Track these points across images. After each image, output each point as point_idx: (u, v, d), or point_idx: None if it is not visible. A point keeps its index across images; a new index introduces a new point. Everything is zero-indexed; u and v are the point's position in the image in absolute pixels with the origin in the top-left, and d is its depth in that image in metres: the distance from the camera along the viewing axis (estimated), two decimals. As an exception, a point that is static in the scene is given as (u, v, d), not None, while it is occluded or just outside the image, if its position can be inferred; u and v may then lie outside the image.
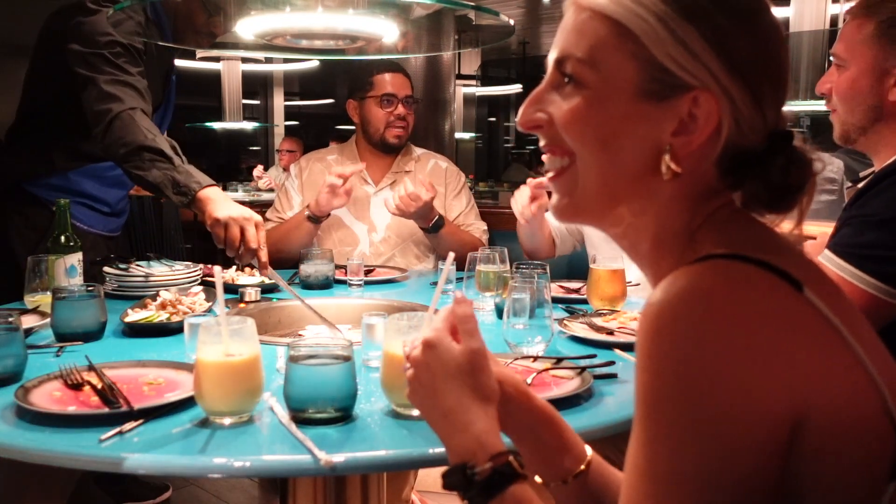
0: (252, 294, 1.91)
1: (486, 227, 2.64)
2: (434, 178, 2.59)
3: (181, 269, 1.98)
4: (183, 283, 1.92)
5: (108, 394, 1.11)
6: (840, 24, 2.23)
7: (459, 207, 2.62)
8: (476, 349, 0.83)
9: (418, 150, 2.72)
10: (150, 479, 2.58)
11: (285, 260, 2.33)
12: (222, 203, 1.82)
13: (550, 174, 0.81)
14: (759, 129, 0.73)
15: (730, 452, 0.60)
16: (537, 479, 0.91)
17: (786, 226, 0.77)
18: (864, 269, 1.34)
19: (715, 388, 0.61)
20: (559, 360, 1.35)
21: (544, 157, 0.81)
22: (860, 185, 1.46)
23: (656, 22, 0.71)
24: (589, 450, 0.91)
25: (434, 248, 2.55)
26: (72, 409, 1.08)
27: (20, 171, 2.17)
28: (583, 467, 0.89)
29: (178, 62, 2.65)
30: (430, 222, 2.43)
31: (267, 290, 2.00)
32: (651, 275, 0.80)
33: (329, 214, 2.44)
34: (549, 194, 0.83)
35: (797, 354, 0.62)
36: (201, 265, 2.07)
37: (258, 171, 6.97)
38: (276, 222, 2.57)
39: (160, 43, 2.20)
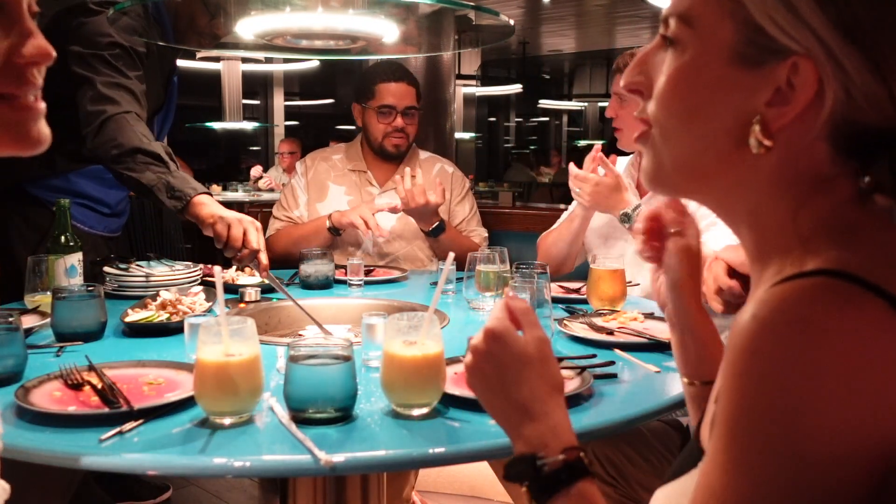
0: (252, 294, 1.91)
1: (486, 235, 2.64)
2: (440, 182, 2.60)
3: (181, 269, 1.98)
4: (183, 283, 1.92)
5: (108, 394, 1.11)
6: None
7: (462, 213, 2.62)
8: (543, 338, 0.82)
9: (423, 154, 2.71)
10: (150, 479, 2.58)
11: (295, 261, 2.32)
12: (219, 208, 1.82)
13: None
14: (883, 103, 0.63)
15: (813, 493, 0.56)
16: (684, 379, 0.95)
17: None
18: None
19: (809, 426, 0.56)
20: (559, 360, 1.34)
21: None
22: None
23: None
24: None
25: (434, 251, 2.55)
26: (72, 409, 1.08)
27: (21, 172, 2.17)
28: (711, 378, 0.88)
29: (179, 62, 2.66)
30: (431, 225, 2.43)
31: (267, 290, 2.00)
32: (753, 267, 0.73)
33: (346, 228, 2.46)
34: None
35: None
36: (201, 265, 2.07)
37: (256, 171, 6.95)
38: (285, 220, 2.57)
39: (161, 43, 2.20)
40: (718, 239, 1.63)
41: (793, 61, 0.63)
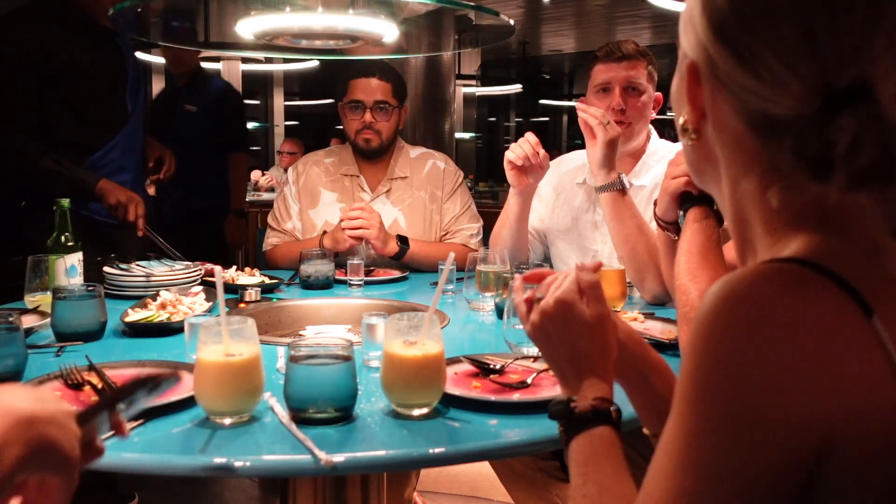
0: (252, 294, 1.91)
1: (477, 230, 2.51)
2: (431, 181, 2.50)
3: (181, 269, 1.98)
4: (183, 283, 1.92)
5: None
6: None
7: (452, 211, 2.51)
8: (605, 314, 0.89)
9: (415, 151, 2.58)
10: (117, 488, 2.49)
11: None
12: None
13: None
14: (785, 93, 0.64)
15: (750, 457, 0.60)
16: (645, 431, 0.98)
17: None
18: None
19: (750, 398, 0.60)
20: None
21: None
22: None
23: None
24: None
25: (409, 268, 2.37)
26: (72, 409, 1.08)
27: None
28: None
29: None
30: (392, 253, 2.30)
31: (267, 290, 2.00)
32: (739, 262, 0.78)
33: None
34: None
35: (844, 382, 0.60)
36: (201, 264, 2.07)
37: (255, 174, 6.93)
38: (280, 233, 2.48)
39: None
40: None
41: (688, 63, 0.73)
